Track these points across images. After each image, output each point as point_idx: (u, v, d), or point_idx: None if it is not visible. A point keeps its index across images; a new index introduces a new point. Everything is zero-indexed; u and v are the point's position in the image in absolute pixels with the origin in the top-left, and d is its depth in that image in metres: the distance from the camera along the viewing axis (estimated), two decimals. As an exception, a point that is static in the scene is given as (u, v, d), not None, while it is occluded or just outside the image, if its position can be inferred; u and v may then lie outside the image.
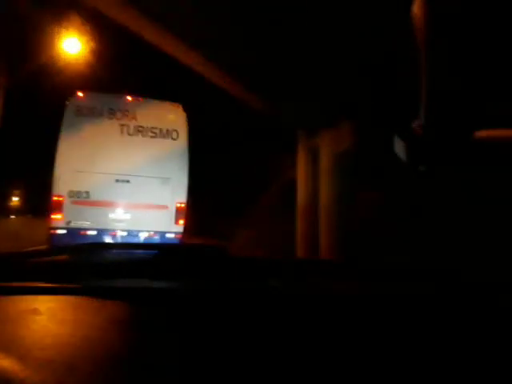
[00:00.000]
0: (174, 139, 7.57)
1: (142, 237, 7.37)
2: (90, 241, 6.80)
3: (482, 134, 0.56)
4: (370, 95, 5.09)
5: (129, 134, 7.41)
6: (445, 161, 0.58)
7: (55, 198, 7.27)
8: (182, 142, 7.61)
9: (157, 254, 1.41)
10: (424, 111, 0.57)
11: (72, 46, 10.03)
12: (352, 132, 6.54)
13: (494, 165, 0.59)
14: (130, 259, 1.33)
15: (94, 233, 7.18)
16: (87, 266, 1.24)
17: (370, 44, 4.39)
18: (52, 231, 7.27)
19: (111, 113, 7.42)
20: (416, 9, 0.56)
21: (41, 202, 14.72)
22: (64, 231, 7.15)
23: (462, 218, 4.09)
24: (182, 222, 7.64)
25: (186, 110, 7.75)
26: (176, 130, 7.57)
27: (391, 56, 4.03)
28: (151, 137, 7.49)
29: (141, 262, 1.29)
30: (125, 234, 7.30)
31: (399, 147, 0.62)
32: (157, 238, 7.39)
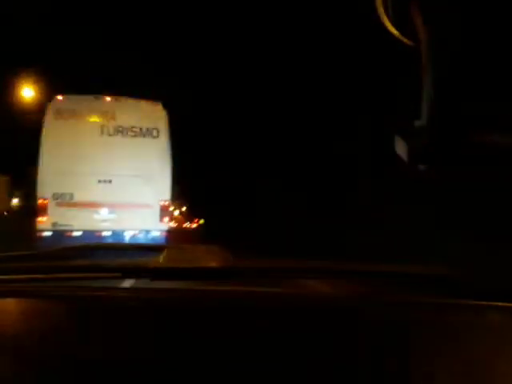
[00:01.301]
0: (154, 137, 7.60)
1: (128, 236, 7.44)
2: (75, 242, 6.88)
3: (485, 134, 0.55)
4: None
5: (109, 135, 7.45)
6: (447, 161, 0.58)
7: (40, 201, 7.35)
8: (162, 140, 7.65)
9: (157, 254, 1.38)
10: (426, 111, 0.57)
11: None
12: None
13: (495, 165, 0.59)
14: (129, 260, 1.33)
15: (79, 234, 7.27)
16: (85, 266, 1.24)
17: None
18: (38, 234, 7.35)
19: (91, 114, 7.47)
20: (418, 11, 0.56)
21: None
22: (50, 233, 7.24)
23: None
24: (166, 219, 7.73)
25: (165, 107, 7.79)
26: (156, 129, 7.60)
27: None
28: (131, 136, 7.52)
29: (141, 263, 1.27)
30: (110, 233, 7.39)
31: (400, 147, 0.61)
32: (142, 237, 7.47)
